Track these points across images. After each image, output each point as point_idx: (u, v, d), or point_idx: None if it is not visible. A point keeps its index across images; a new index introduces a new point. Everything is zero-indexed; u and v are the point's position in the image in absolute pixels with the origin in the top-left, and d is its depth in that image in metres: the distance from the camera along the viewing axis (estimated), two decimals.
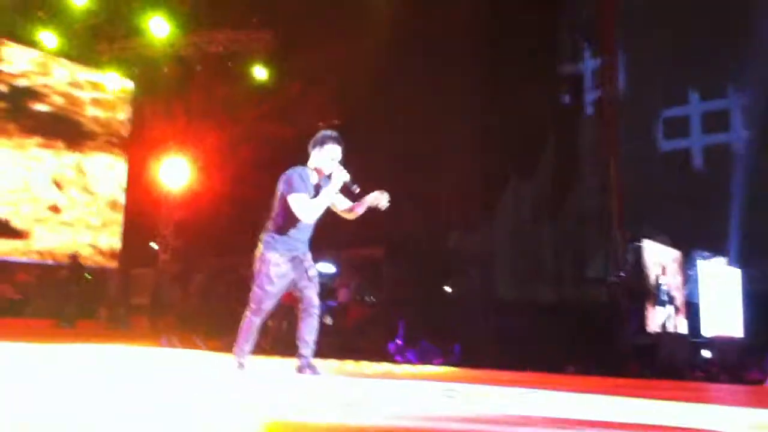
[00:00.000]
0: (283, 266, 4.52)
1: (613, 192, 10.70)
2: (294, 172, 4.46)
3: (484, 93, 11.20)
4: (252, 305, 4.57)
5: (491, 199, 12.00)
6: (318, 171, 4.52)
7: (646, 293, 11.06)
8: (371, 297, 11.16)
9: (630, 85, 10.86)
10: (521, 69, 11.25)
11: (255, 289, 4.56)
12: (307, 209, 4.41)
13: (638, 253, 10.88)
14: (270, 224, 4.57)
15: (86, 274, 12.66)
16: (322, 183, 4.51)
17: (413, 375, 5.41)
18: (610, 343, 9.86)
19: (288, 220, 4.49)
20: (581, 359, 8.70)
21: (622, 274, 10.45)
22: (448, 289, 12.58)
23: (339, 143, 4.53)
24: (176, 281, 12.44)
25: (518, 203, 12.09)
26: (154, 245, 14.26)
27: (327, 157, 4.50)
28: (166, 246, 13.77)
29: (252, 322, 4.60)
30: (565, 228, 11.41)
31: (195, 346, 7.49)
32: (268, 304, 4.57)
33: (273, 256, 4.51)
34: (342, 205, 4.66)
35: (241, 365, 4.55)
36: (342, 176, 4.46)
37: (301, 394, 3.63)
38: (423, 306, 10.48)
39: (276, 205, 4.52)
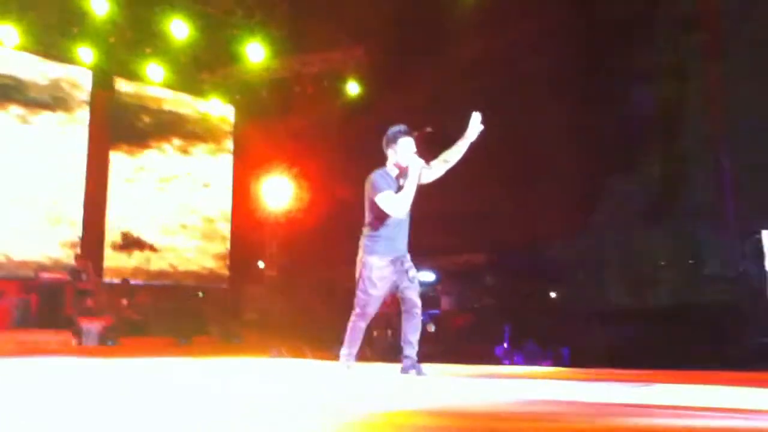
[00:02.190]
0: (384, 269, 4.58)
1: (725, 184, 10.16)
2: (375, 174, 4.58)
3: (582, 92, 10.91)
4: (357, 309, 4.65)
5: (595, 201, 11.63)
6: (397, 166, 4.61)
7: None
8: (474, 304, 11.06)
9: (738, 75, 10.29)
10: (618, 64, 10.88)
11: (358, 293, 4.63)
12: (395, 204, 4.49)
13: (758, 246, 10.21)
14: (366, 229, 4.65)
15: (199, 293, 13.28)
16: (402, 177, 4.58)
17: (523, 374, 5.30)
18: (734, 343, 9.28)
19: (382, 222, 4.56)
20: (701, 362, 8.23)
21: (741, 269, 9.84)
22: (553, 294, 12.27)
23: (410, 134, 4.61)
24: (283, 295, 12.80)
25: (624, 203, 11.65)
26: (261, 264, 14.77)
27: (402, 152, 4.58)
28: (272, 262, 14.25)
29: (357, 326, 4.67)
30: (677, 226, 10.87)
31: (303, 356, 7.69)
32: (373, 308, 4.63)
33: (374, 260, 4.58)
34: (435, 172, 4.69)
35: (348, 368, 4.62)
36: (418, 162, 4.53)
37: (408, 389, 3.64)
38: (528, 312, 10.27)
39: (367, 209, 4.62)
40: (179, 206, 14.86)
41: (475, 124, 4.64)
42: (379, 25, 12.16)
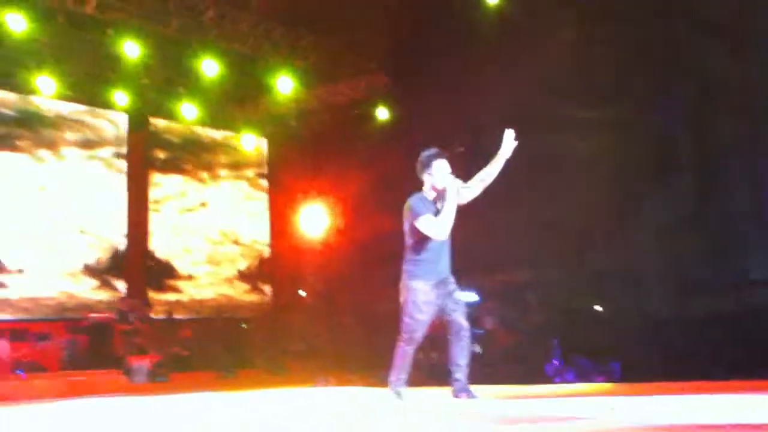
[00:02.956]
0: (429, 293, 4.57)
1: (764, 183, 9.94)
2: (413, 198, 4.60)
3: (612, 100, 10.82)
4: (404, 335, 4.64)
5: (633, 211, 11.46)
6: (434, 189, 4.62)
7: None
8: (518, 322, 10.94)
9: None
10: (648, 70, 10.78)
11: (405, 319, 4.63)
12: (436, 226, 4.49)
13: None
14: (408, 253, 4.66)
15: (242, 324, 13.39)
16: (440, 199, 4.59)
17: (577, 392, 5.22)
18: None
19: (423, 246, 4.57)
20: (754, 369, 8.01)
21: None
22: (598, 308, 12.07)
23: (443, 156, 4.63)
24: (325, 323, 12.84)
25: (662, 209, 11.45)
26: (302, 292, 14.85)
27: (438, 174, 4.60)
28: (312, 290, 14.32)
29: (405, 351, 4.66)
30: (718, 229, 10.64)
31: (350, 383, 7.66)
32: (420, 333, 4.63)
33: (418, 284, 4.58)
34: (472, 191, 4.70)
35: (398, 395, 4.60)
36: (454, 183, 4.53)
37: (464, 415, 3.61)
38: (575, 327, 10.12)
39: (407, 234, 4.63)
40: (218, 238, 15.08)
41: (509, 141, 4.66)
42: (404, 50, 12.28)
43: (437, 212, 4.54)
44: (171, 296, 14.00)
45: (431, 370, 7.98)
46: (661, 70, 10.72)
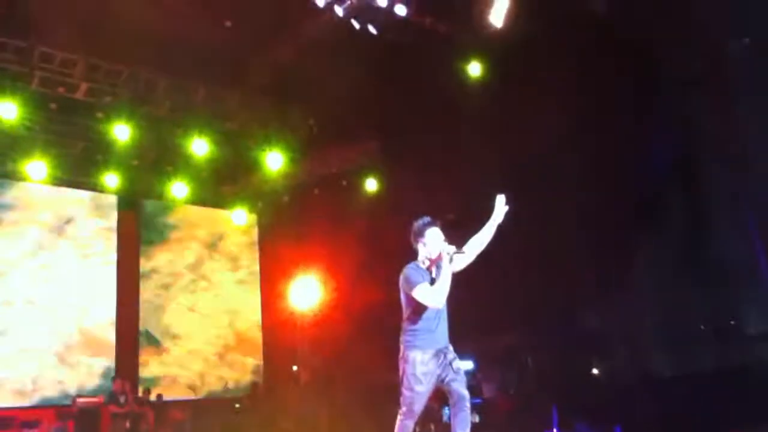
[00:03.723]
0: (428, 363, 4.52)
1: (755, 237, 10.03)
2: (407, 268, 4.59)
3: (600, 158, 11.00)
4: (403, 408, 4.56)
5: (626, 268, 11.49)
6: (429, 258, 4.63)
7: None
8: (516, 388, 10.80)
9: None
10: (632, 125, 11.00)
11: (403, 391, 4.56)
12: (432, 295, 4.47)
13: None
14: (405, 324, 4.63)
15: (236, 405, 13.10)
16: (435, 267, 4.60)
17: None
18: None
19: (420, 315, 4.54)
20: (759, 425, 7.90)
21: None
22: (595, 371, 11.96)
23: (435, 224, 4.66)
24: (320, 399, 12.59)
25: (655, 267, 11.50)
26: (295, 368, 14.62)
27: (431, 243, 4.60)
28: (306, 366, 14.11)
29: (405, 425, 4.57)
30: (712, 286, 10.66)
31: None
32: (419, 405, 4.55)
33: (416, 355, 4.53)
34: (466, 257, 4.70)
35: None
36: (448, 249, 4.54)
37: None
38: (574, 391, 10.00)
39: (404, 305, 4.62)
40: (209, 316, 14.94)
41: (501, 206, 4.72)
42: (393, 119, 12.50)
43: (433, 281, 4.55)
44: (162, 376, 13.74)
45: None
46: (649, 124, 10.95)
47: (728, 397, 8.55)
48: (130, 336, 13.66)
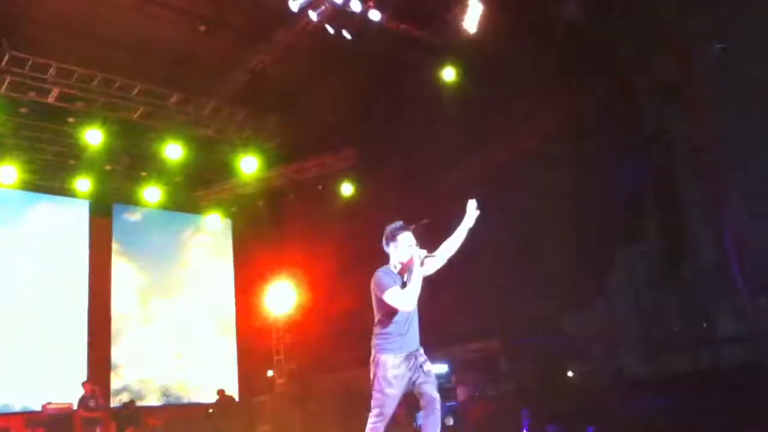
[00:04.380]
0: (399, 366, 4.52)
1: (728, 242, 10.19)
2: (379, 272, 4.59)
3: (577, 166, 11.11)
4: (374, 410, 4.55)
5: (602, 273, 11.61)
6: (400, 262, 4.65)
7: None
8: (492, 391, 10.83)
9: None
10: (609, 136, 11.11)
11: (375, 394, 4.56)
12: (403, 298, 4.48)
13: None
14: (376, 328, 4.63)
15: (209, 410, 13.00)
16: (406, 272, 4.62)
17: None
18: (758, 404, 9.04)
19: (391, 319, 4.55)
20: (730, 427, 8.02)
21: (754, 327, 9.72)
22: (570, 374, 12.04)
23: (408, 229, 4.67)
24: (295, 403, 12.54)
25: (631, 272, 11.62)
26: (270, 372, 14.54)
27: (403, 247, 4.62)
28: (281, 370, 14.05)
29: (376, 428, 4.57)
30: (685, 289, 10.81)
31: None
32: (390, 408, 4.55)
33: (387, 358, 4.53)
34: (437, 261, 4.72)
35: None
36: (419, 254, 4.56)
37: None
38: (548, 394, 10.06)
39: (375, 308, 4.62)
40: (184, 321, 14.81)
41: (472, 211, 4.74)
42: (369, 125, 12.53)
43: (404, 284, 4.56)
44: (134, 382, 13.59)
45: None
46: (627, 134, 11.08)
47: (700, 398, 8.66)
48: (102, 341, 13.49)
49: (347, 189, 13.87)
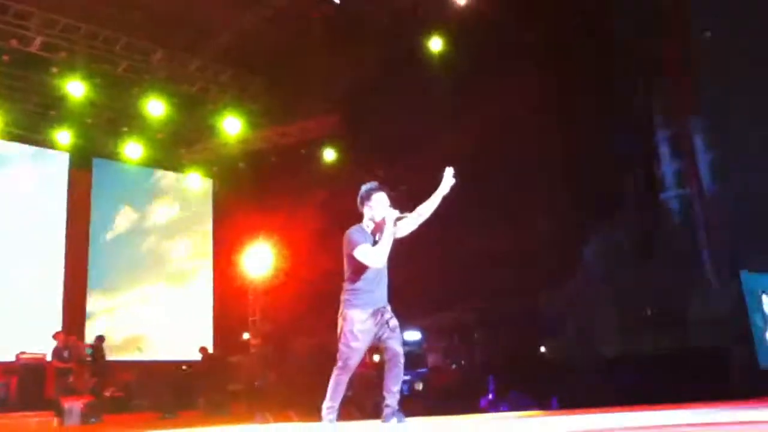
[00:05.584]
0: (365, 322, 4.61)
1: (702, 227, 10.36)
2: (351, 230, 4.67)
3: (559, 142, 11.15)
4: (339, 363, 4.66)
5: (579, 252, 11.74)
6: (373, 221, 4.71)
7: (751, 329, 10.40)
8: (462, 360, 11.00)
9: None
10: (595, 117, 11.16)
11: (341, 347, 4.65)
12: (373, 255, 4.56)
13: (738, 287, 10.34)
14: (345, 284, 4.72)
15: (183, 366, 13.10)
16: (378, 232, 4.68)
17: (505, 418, 5.30)
18: (723, 386, 9.26)
19: (360, 276, 4.63)
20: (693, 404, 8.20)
21: (722, 311, 9.93)
22: (543, 349, 12.24)
23: (382, 189, 4.73)
24: (269, 363, 12.65)
25: (606, 252, 11.77)
26: (246, 335, 14.63)
27: (377, 207, 4.68)
28: (257, 331, 14.14)
29: (340, 379, 4.67)
30: (658, 273, 10.98)
31: (289, 420, 7.59)
32: (355, 360, 4.65)
33: (354, 313, 4.62)
34: (409, 224, 4.78)
35: (330, 421, 4.60)
36: (392, 214, 4.62)
37: None
38: (517, 364, 10.23)
39: (345, 265, 4.69)
40: (160, 278, 14.84)
41: (448, 179, 4.79)
42: (353, 91, 12.48)
43: (375, 244, 4.63)
44: (109, 338, 13.63)
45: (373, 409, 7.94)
46: (610, 113, 11.14)
47: (666, 376, 8.85)
48: (78, 292, 13.49)
49: (329, 155, 13.87)
